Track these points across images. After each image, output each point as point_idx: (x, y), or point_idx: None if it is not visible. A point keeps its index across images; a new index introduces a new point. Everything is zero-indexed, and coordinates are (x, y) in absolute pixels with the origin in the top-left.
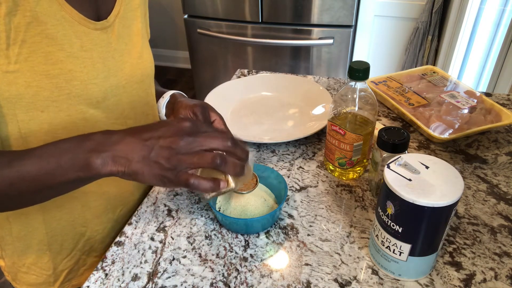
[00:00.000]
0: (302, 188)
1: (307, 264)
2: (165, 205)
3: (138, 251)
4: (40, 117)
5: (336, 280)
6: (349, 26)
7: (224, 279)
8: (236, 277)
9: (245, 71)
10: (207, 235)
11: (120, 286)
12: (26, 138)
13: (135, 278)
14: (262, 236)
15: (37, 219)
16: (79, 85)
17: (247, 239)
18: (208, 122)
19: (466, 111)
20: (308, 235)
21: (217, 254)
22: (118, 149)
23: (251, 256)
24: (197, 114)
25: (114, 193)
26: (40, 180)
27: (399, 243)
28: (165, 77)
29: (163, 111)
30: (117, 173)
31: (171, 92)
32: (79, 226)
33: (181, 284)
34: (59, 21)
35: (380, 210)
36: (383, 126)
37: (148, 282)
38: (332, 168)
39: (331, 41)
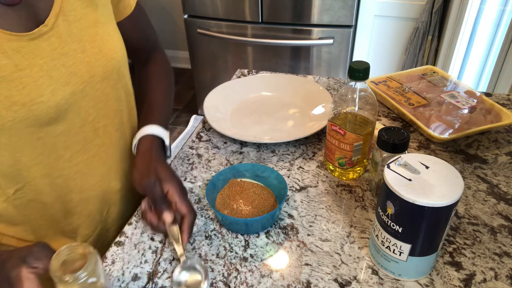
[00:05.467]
0: (302, 188)
1: (307, 264)
2: None
3: (138, 251)
4: None
5: (336, 280)
6: (349, 26)
7: (224, 279)
8: (236, 277)
9: (245, 71)
10: (207, 235)
11: (120, 286)
12: None
13: (135, 278)
14: (262, 236)
15: (26, 230)
16: (22, 109)
17: (247, 239)
18: (160, 197)
19: (466, 111)
20: (308, 235)
21: (217, 254)
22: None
23: (251, 256)
24: (148, 193)
25: (97, 196)
26: None
27: (399, 243)
28: None
29: (134, 150)
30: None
31: (139, 136)
32: (69, 233)
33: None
34: None
35: (380, 210)
36: (383, 126)
37: (148, 282)
38: (332, 168)
39: (331, 41)
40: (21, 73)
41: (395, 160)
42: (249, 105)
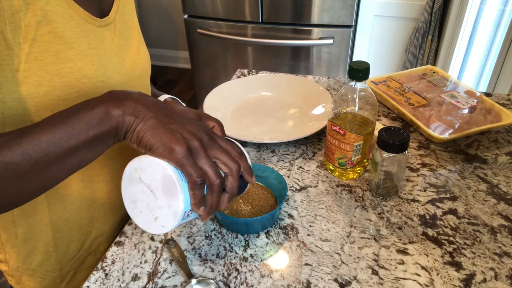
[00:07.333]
0: (302, 188)
1: (307, 264)
2: None
3: (138, 251)
4: None
5: (336, 280)
6: (349, 26)
7: (224, 279)
8: (236, 277)
9: (245, 71)
10: (207, 235)
11: (120, 286)
12: None
13: (135, 278)
14: (262, 236)
15: (44, 220)
16: (88, 83)
17: (247, 239)
18: None
19: (466, 111)
20: (308, 235)
21: (217, 254)
22: (138, 102)
23: (251, 256)
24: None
25: (119, 187)
26: (54, 146)
27: None
28: (165, 77)
29: None
30: (133, 124)
31: (164, 97)
32: (85, 226)
33: (181, 284)
34: (67, 19)
35: None
36: (383, 126)
37: (148, 282)
38: (332, 168)
39: (331, 41)
40: (92, 51)
41: None
42: (249, 105)
